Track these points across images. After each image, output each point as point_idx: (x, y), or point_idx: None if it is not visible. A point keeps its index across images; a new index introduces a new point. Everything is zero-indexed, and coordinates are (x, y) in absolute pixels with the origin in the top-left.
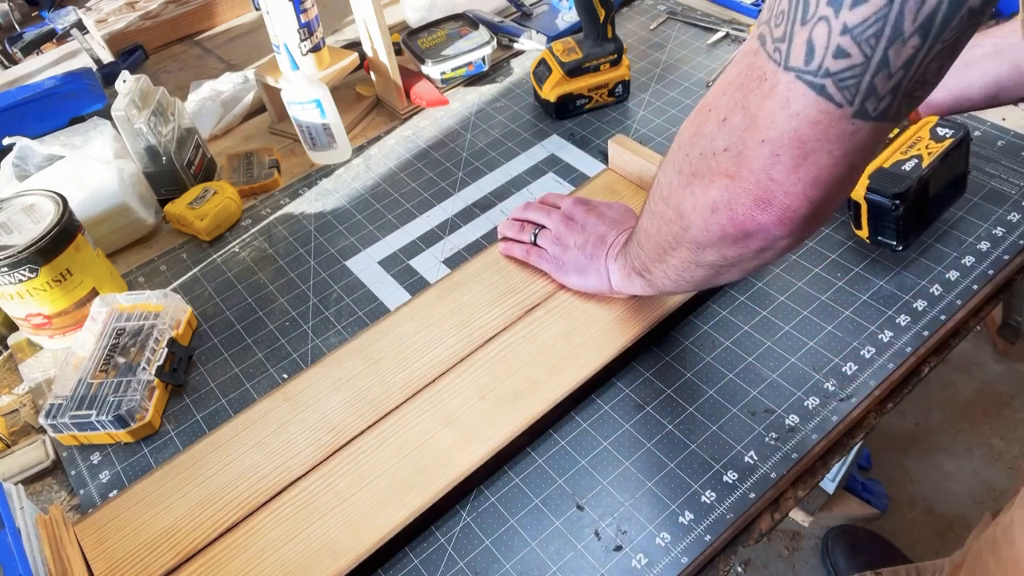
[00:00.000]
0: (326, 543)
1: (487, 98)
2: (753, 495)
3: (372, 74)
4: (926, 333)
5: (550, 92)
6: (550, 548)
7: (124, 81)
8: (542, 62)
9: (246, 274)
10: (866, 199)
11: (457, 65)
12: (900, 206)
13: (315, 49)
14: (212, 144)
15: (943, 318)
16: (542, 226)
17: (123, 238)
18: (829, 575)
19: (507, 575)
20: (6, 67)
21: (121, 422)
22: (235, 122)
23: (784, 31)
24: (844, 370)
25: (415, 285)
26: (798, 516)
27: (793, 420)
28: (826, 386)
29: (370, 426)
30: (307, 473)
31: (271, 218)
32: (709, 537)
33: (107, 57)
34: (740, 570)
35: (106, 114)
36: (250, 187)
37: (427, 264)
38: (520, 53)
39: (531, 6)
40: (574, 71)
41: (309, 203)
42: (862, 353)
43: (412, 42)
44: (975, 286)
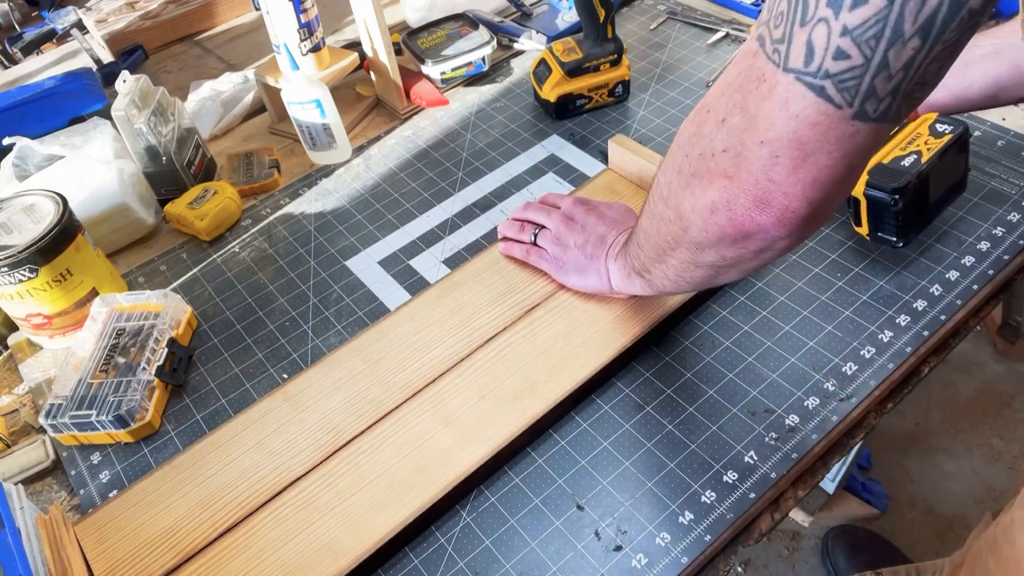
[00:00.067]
0: (326, 543)
1: (487, 98)
2: (753, 495)
3: (372, 74)
4: (926, 333)
5: (550, 92)
6: (550, 548)
7: (124, 81)
8: (542, 62)
9: (246, 274)
10: (865, 195)
11: (457, 65)
12: (899, 201)
13: (315, 49)
14: (212, 144)
15: (943, 318)
16: (542, 226)
17: (123, 238)
18: (829, 575)
19: (507, 575)
20: (6, 67)
21: (121, 422)
22: (235, 122)
23: (783, 32)
24: (844, 370)
25: (415, 285)
26: (798, 516)
27: (793, 420)
28: (826, 386)
29: (370, 426)
30: (307, 473)
31: (271, 218)
32: (709, 537)
33: (107, 57)
34: (740, 570)
35: (106, 114)
36: (250, 187)
37: (427, 264)
38: (520, 53)
39: (531, 6)
40: (574, 71)
41: (309, 203)
42: (862, 353)
43: (412, 42)
44: (975, 286)
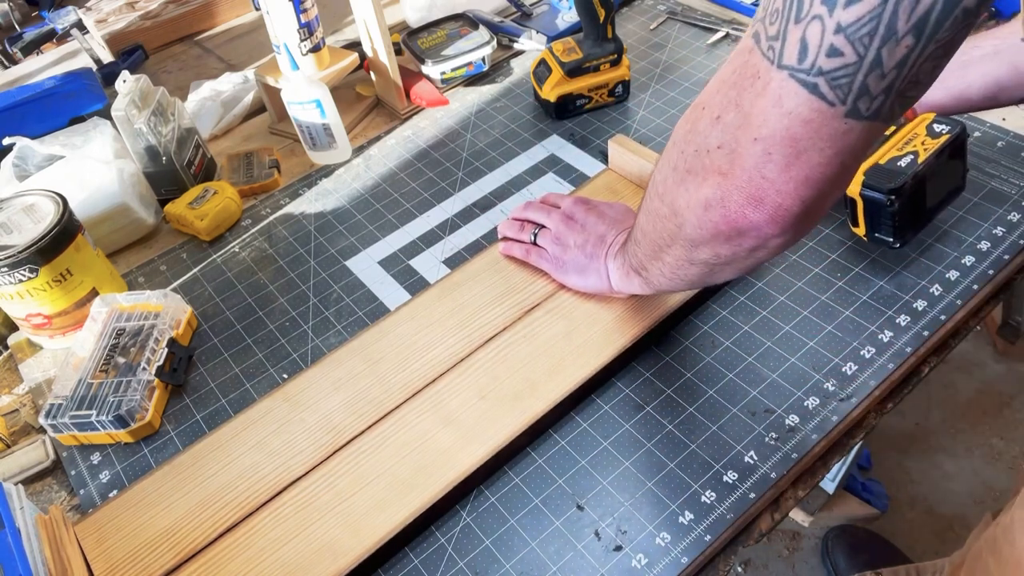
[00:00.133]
0: (326, 543)
1: (487, 98)
2: (753, 495)
3: (372, 74)
4: (926, 333)
5: (550, 92)
6: (550, 548)
7: (124, 81)
8: (542, 62)
9: (246, 274)
10: (862, 195)
11: (457, 65)
12: (895, 202)
13: (315, 49)
14: (212, 144)
15: (943, 318)
16: (542, 226)
17: (123, 238)
18: (829, 575)
19: (507, 575)
20: (6, 67)
21: (121, 422)
22: (235, 122)
23: (778, 29)
24: (844, 370)
25: (415, 285)
26: (798, 516)
27: (793, 420)
28: (826, 386)
29: (370, 426)
30: (307, 473)
31: (271, 218)
32: (709, 537)
33: (107, 57)
34: (740, 570)
35: (106, 114)
36: (250, 187)
37: (427, 264)
38: (520, 53)
39: (531, 6)
40: (574, 71)
41: (309, 203)
42: (862, 353)
43: (412, 42)
44: (975, 286)
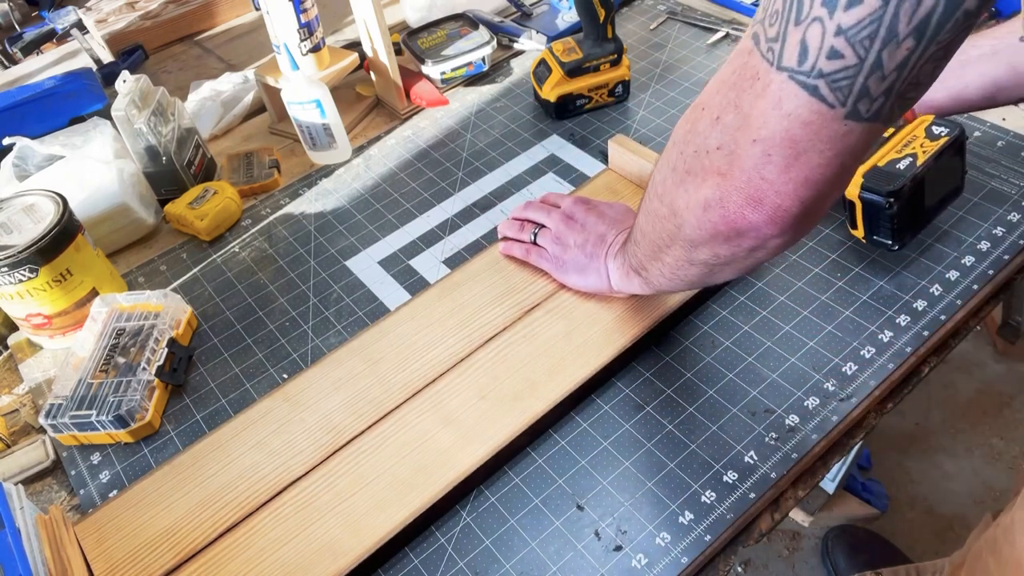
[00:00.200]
0: (326, 543)
1: (487, 98)
2: (753, 495)
3: (372, 74)
4: (926, 333)
5: (550, 92)
6: (550, 548)
7: (124, 81)
8: (542, 62)
9: (246, 274)
10: (860, 198)
11: (457, 65)
12: (894, 204)
13: (315, 49)
14: (212, 144)
15: (943, 318)
16: (542, 225)
17: (123, 238)
18: (829, 575)
19: (507, 575)
20: (6, 67)
21: (121, 422)
22: (235, 122)
23: (778, 31)
24: (844, 370)
25: (415, 285)
26: (798, 516)
27: (793, 420)
28: (826, 386)
29: (370, 426)
30: (307, 473)
31: (271, 218)
32: (709, 537)
33: (107, 57)
34: (740, 570)
35: (106, 114)
36: (250, 187)
37: (427, 264)
38: (520, 53)
39: (531, 6)
40: (574, 71)
41: (309, 203)
42: (862, 353)
43: (412, 42)
44: (975, 286)
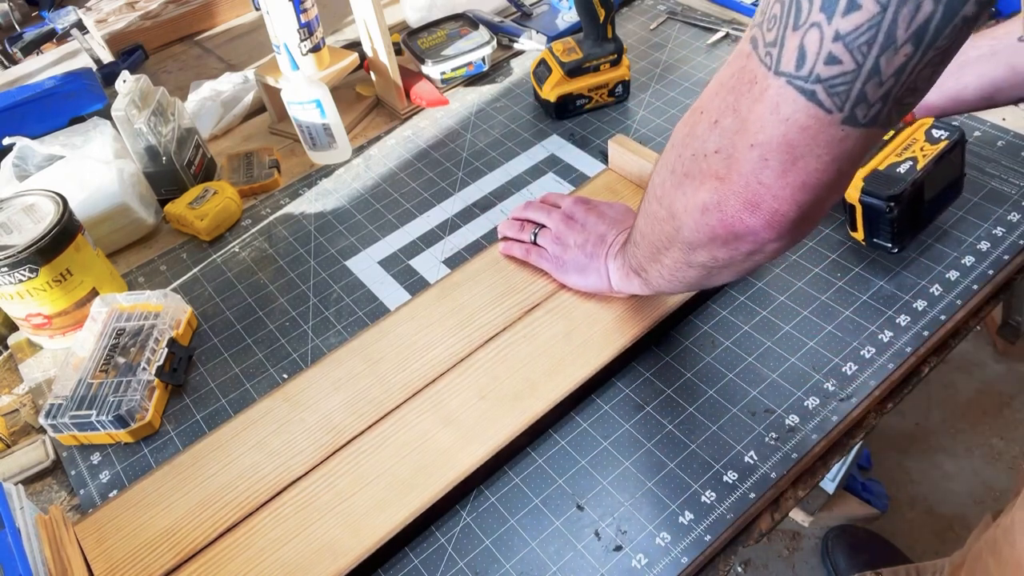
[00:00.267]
0: (326, 543)
1: (487, 98)
2: (753, 495)
3: (372, 74)
4: (926, 333)
5: (550, 92)
6: (550, 548)
7: (124, 81)
8: (542, 62)
9: (246, 274)
10: (860, 201)
11: (457, 65)
12: (894, 208)
13: (315, 49)
14: (212, 144)
15: (943, 318)
16: (542, 225)
17: (123, 238)
18: (829, 575)
19: (507, 575)
20: (6, 67)
21: (121, 422)
22: (235, 122)
23: (776, 36)
24: (844, 370)
25: (415, 285)
26: (798, 516)
27: (793, 420)
28: (826, 386)
29: (370, 426)
30: (307, 473)
31: (271, 218)
32: (709, 537)
33: (107, 57)
34: (740, 570)
35: (106, 114)
36: (250, 187)
37: (427, 264)
38: (520, 53)
39: (531, 6)
40: (574, 71)
41: (309, 203)
42: (862, 353)
43: (412, 42)
44: (975, 286)
